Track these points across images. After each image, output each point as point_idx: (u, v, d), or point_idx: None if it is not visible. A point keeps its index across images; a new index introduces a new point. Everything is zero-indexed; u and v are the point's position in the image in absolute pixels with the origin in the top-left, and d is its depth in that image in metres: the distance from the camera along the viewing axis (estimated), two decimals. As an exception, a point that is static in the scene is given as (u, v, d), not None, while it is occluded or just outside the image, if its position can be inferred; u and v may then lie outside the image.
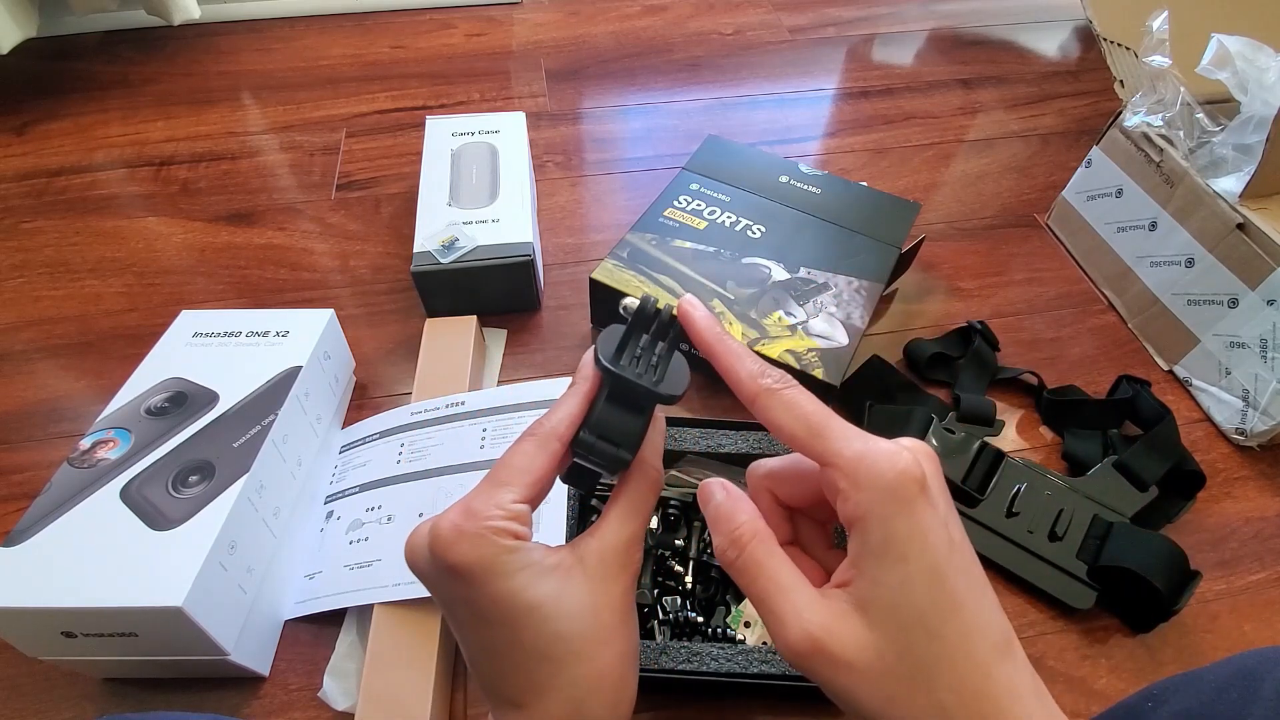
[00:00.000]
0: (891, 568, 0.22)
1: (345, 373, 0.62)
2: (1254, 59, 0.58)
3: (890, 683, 0.22)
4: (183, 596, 0.38)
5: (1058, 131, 0.94)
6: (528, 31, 1.10)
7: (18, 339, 0.68)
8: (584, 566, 0.25)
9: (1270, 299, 0.57)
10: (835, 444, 0.23)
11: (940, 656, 0.22)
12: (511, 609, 0.23)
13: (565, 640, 0.23)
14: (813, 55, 1.07)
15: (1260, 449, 0.61)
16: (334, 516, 0.53)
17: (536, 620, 0.23)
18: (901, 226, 0.70)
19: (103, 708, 0.47)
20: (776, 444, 0.54)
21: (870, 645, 0.22)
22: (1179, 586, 0.50)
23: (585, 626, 0.24)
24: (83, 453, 0.46)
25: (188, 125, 0.92)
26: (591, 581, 0.24)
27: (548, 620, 0.23)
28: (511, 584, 0.23)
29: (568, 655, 0.23)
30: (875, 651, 0.22)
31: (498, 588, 0.23)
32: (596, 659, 0.24)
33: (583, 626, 0.24)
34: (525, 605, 0.23)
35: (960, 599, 0.22)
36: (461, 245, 0.64)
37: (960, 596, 0.22)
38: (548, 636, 0.23)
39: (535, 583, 0.23)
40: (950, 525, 0.23)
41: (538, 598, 0.23)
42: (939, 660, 0.22)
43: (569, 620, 0.23)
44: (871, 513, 0.22)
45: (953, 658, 0.22)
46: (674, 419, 0.55)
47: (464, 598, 0.24)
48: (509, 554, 0.23)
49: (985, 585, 0.23)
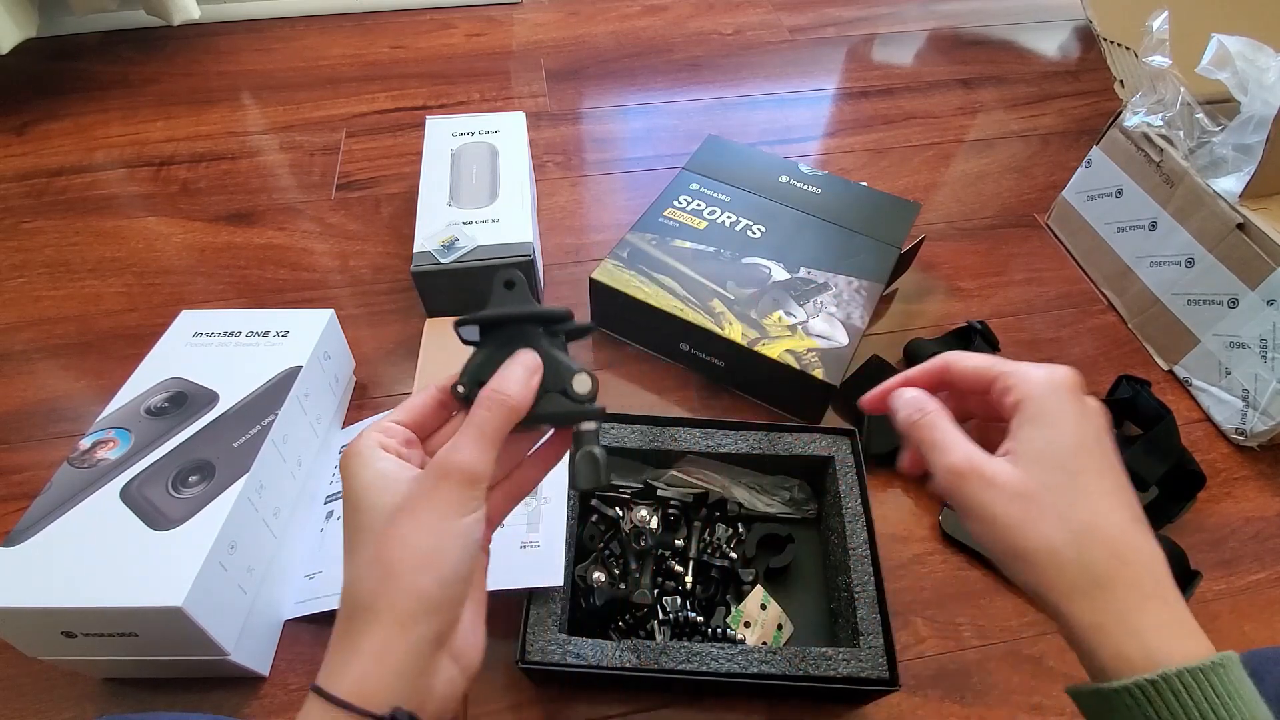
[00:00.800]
0: (1042, 430, 0.28)
1: (345, 373, 0.62)
2: (1254, 59, 0.58)
3: (1025, 504, 0.27)
4: (183, 596, 0.38)
5: (1058, 131, 0.94)
6: (528, 31, 1.10)
7: (18, 339, 0.68)
8: (418, 473, 0.28)
9: (1270, 299, 0.57)
10: (1009, 365, 0.30)
11: (1075, 495, 0.27)
12: (355, 484, 0.28)
13: (375, 510, 0.27)
14: (813, 55, 1.07)
15: (1260, 449, 0.61)
16: (334, 516, 0.53)
17: (365, 492, 0.28)
18: (901, 226, 0.70)
19: (103, 708, 0.47)
20: (775, 446, 0.54)
21: (1016, 475, 0.28)
22: (1179, 586, 0.50)
23: (390, 503, 0.27)
24: (83, 453, 0.46)
25: (188, 125, 0.92)
26: (417, 480, 0.28)
27: (370, 491, 0.28)
28: (362, 466, 0.28)
29: (373, 524, 0.27)
30: (1019, 479, 0.27)
31: (352, 467, 0.28)
32: (392, 532, 0.27)
33: (389, 502, 0.27)
34: (363, 480, 0.28)
35: (1097, 464, 0.28)
36: (461, 245, 0.64)
37: (1097, 462, 0.28)
38: (366, 505, 0.27)
39: (377, 467, 0.28)
40: (1100, 425, 0.29)
41: (374, 476, 0.28)
42: (1073, 497, 0.27)
43: (381, 495, 0.27)
44: (1032, 394, 0.29)
45: (1084, 499, 0.27)
46: (674, 419, 0.55)
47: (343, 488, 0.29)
48: (371, 449, 0.29)
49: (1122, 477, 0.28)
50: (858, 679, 0.44)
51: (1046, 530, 0.27)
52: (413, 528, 0.27)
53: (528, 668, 0.44)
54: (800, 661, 0.44)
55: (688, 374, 0.66)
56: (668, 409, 0.64)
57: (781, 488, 0.56)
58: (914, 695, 0.48)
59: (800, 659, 0.44)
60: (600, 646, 0.44)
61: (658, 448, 0.54)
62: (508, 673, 0.48)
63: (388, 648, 0.25)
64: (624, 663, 0.44)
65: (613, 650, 0.44)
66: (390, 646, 0.25)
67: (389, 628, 0.26)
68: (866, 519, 0.50)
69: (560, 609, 0.46)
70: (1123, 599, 0.26)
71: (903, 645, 0.50)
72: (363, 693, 0.25)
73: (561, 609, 0.46)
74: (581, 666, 0.44)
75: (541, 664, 0.44)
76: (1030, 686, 0.49)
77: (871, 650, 0.45)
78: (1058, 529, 0.27)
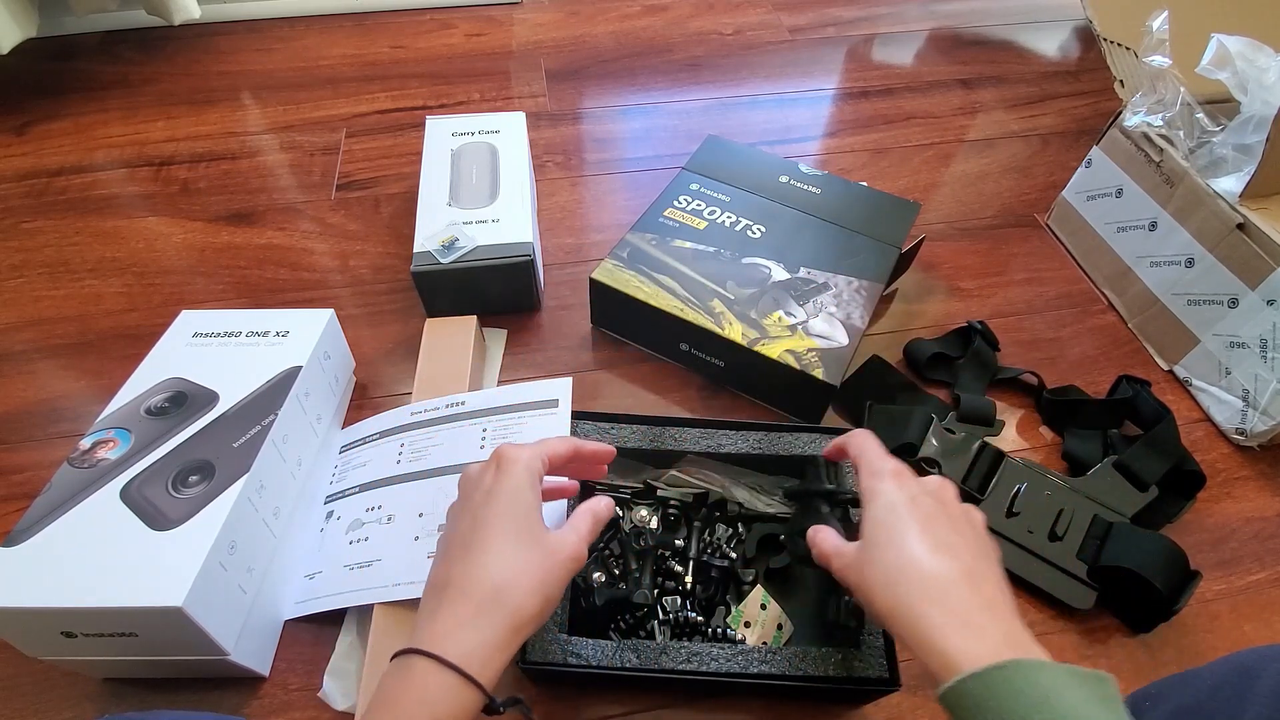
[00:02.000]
0: (868, 510, 0.37)
1: (345, 373, 0.62)
2: (1254, 59, 0.58)
3: (862, 568, 0.35)
4: (183, 596, 0.38)
5: (1058, 131, 0.94)
6: (528, 31, 1.10)
7: (18, 339, 0.68)
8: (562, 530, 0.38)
9: (1270, 299, 0.57)
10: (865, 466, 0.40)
11: (887, 560, 0.34)
12: (516, 498, 0.36)
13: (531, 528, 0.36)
14: (813, 55, 1.07)
15: (1260, 449, 0.61)
16: (334, 516, 0.53)
17: (525, 510, 0.36)
18: (901, 226, 0.70)
19: (103, 708, 0.47)
20: (776, 446, 0.54)
21: (855, 548, 0.37)
22: (1179, 586, 0.50)
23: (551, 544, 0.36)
24: (83, 453, 0.46)
25: (188, 125, 0.92)
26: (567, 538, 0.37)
27: (531, 513, 0.36)
28: (530, 487, 0.37)
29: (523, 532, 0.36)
30: (857, 551, 0.37)
31: (518, 480, 0.37)
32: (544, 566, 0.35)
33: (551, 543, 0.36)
34: (527, 499, 0.37)
35: (905, 522, 0.35)
36: (461, 245, 0.64)
37: (904, 521, 0.35)
38: (522, 521, 0.36)
39: (536, 494, 0.37)
40: (918, 495, 0.36)
41: (535, 501, 0.37)
42: (886, 562, 0.34)
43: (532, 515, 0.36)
44: (864, 485, 0.38)
45: (897, 552, 0.34)
46: (674, 419, 0.55)
47: (489, 484, 0.37)
48: (536, 475, 0.38)
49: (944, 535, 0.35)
50: (858, 679, 0.44)
51: (871, 584, 0.34)
52: (558, 576, 0.35)
53: (528, 668, 0.44)
54: (800, 661, 0.44)
55: (688, 374, 0.66)
56: (668, 409, 0.64)
57: (782, 487, 0.56)
58: (914, 695, 0.48)
59: (800, 659, 0.44)
60: (600, 646, 0.44)
61: (658, 448, 0.54)
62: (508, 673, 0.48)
63: (509, 650, 0.33)
64: (624, 663, 0.44)
65: (613, 650, 0.44)
66: (510, 650, 0.33)
67: (519, 638, 0.33)
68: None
69: (560, 609, 0.46)
70: (934, 619, 0.31)
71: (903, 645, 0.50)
72: (485, 677, 0.32)
73: (562, 609, 0.46)
74: (582, 667, 0.44)
75: (542, 664, 0.44)
76: (1030, 686, 0.49)
77: (871, 650, 0.45)
78: (880, 576, 0.34)
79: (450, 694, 0.31)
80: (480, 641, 0.32)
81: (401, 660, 0.32)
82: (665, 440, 0.54)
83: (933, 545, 0.34)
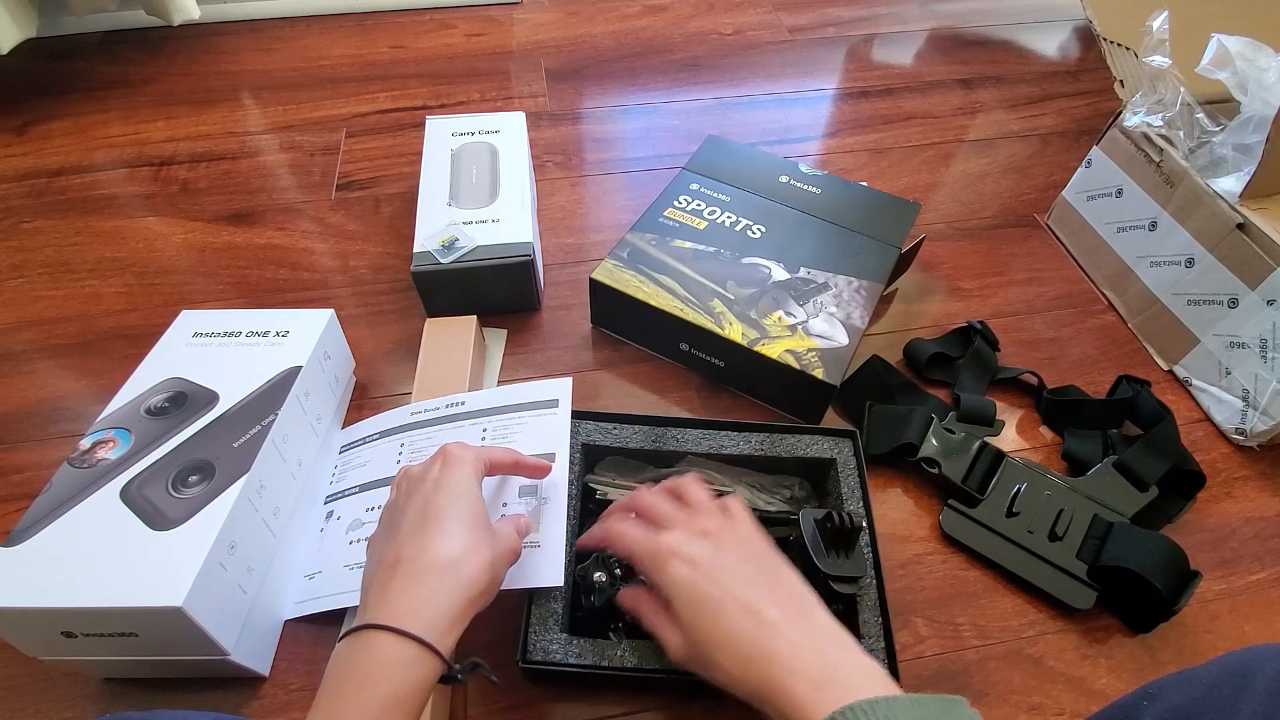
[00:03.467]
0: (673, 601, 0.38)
1: (345, 373, 0.62)
2: (1254, 59, 0.58)
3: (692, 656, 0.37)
4: (183, 596, 0.38)
5: (1058, 131, 0.94)
6: (528, 31, 1.10)
7: (18, 339, 0.68)
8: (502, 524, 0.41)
9: (1270, 299, 0.57)
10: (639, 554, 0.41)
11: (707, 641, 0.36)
12: (464, 488, 0.39)
13: (477, 516, 0.38)
14: (813, 55, 1.07)
15: (1260, 449, 0.61)
16: (334, 516, 0.53)
17: (472, 500, 0.38)
18: (901, 226, 0.70)
19: (103, 708, 0.47)
20: (778, 447, 0.54)
21: (682, 642, 0.38)
22: (1179, 586, 0.50)
23: (496, 531, 0.39)
24: (83, 453, 0.46)
25: (188, 125, 0.92)
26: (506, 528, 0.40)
27: (477, 504, 0.39)
28: (474, 482, 0.40)
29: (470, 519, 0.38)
30: (685, 644, 0.38)
31: (464, 473, 0.39)
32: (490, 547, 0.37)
33: (495, 531, 0.39)
34: (474, 490, 0.39)
35: (704, 605, 0.36)
36: (461, 245, 0.64)
37: (703, 604, 0.36)
38: (470, 508, 0.38)
39: (480, 490, 0.40)
40: (696, 564, 0.38)
41: (480, 495, 0.39)
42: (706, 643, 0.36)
43: (477, 507, 0.39)
44: (650, 579, 0.40)
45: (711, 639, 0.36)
46: (675, 420, 0.55)
47: (436, 475, 0.39)
48: (478, 474, 0.40)
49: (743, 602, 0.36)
50: None
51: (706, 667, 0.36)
52: (500, 558, 0.38)
53: (528, 667, 0.44)
54: None
55: (688, 374, 0.66)
56: (668, 409, 0.64)
57: (783, 486, 0.56)
58: (914, 695, 0.48)
59: None
60: (600, 646, 0.44)
61: (660, 448, 0.54)
62: (507, 673, 0.48)
63: (463, 623, 0.35)
64: (624, 663, 0.44)
65: (613, 650, 0.44)
66: (464, 623, 0.35)
67: (471, 610, 0.35)
68: (868, 521, 0.50)
69: (561, 609, 0.46)
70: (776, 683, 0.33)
71: (902, 645, 0.50)
72: (443, 647, 0.33)
73: (563, 609, 0.46)
74: (582, 666, 0.44)
75: (542, 664, 0.44)
76: (1030, 686, 0.49)
77: (873, 653, 0.45)
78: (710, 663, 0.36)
79: (410, 666, 0.32)
80: (438, 614, 0.33)
81: (356, 636, 0.33)
82: (667, 441, 0.54)
83: (741, 611, 0.35)
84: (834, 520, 0.46)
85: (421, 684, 0.32)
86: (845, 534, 0.46)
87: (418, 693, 0.32)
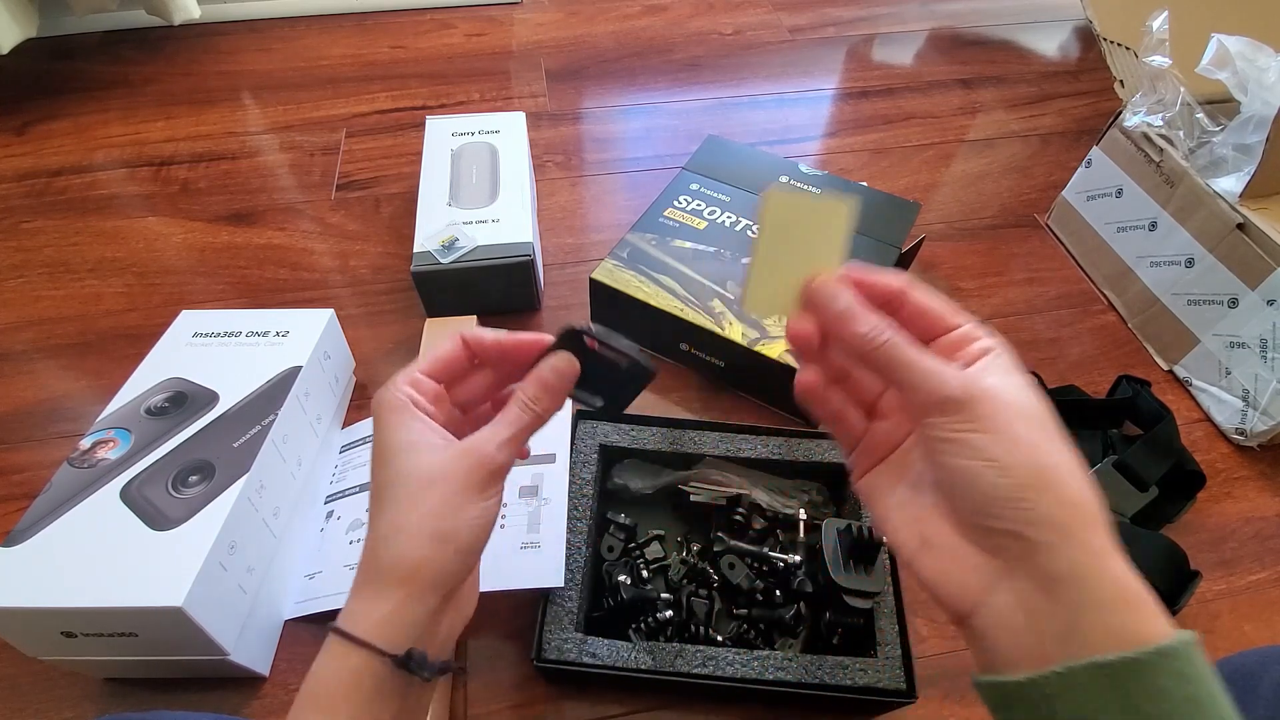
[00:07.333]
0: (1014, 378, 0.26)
1: (345, 373, 0.62)
2: (1254, 59, 0.58)
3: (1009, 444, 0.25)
4: (183, 596, 0.38)
5: (1058, 131, 0.94)
6: (528, 31, 1.10)
7: (18, 339, 0.68)
8: (454, 444, 0.31)
9: (1270, 299, 0.57)
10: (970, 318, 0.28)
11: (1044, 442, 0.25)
12: (389, 442, 0.30)
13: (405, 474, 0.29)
14: (813, 55, 1.07)
15: (1260, 449, 0.61)
16: (334, 516, 0.53)
17: (394, 452, 0.30)
18: (901, 226, 0.70)
19: (103, 708, 0.47)
20: (795, 451, 0.54)
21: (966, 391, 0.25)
22: (1179, 586, 0.50)
23: (421, 470, 0.29)
24: (83, 453, 0.46)
25: (188, 125, 0.92)
26: (450, 452, 0.30)
27: (401, 455, 0.30)
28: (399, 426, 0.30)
29: (403, 485, 0.29)
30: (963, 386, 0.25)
31: (388, 422, 0.31)
32: (421, 501, 0.29)
33: (420, 468, 0.29)
34: (397, 439, 0.30)
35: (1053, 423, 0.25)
36: (461, 245, 0.64)
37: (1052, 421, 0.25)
38: (398, 467, 0.30)
39: (412, 429, 0.30)
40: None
41: (407, 438, 0.30)
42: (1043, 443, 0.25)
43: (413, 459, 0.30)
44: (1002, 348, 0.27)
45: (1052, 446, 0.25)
46: (693, 422, 0.55)
47: (373, 443, 0.31)
48: (405, 405, 0.31)
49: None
50: (875, 689, 0.43)
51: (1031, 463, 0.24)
52: (440, 504, 0.29)
53: (543, 666, 0.43)
54: (816, 669, 0.44)
55: (688, 374, 0.66)
56: (668, 409, 0.64)
57: (801, 490, 0.55)
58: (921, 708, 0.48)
59: (816, 667, 0.44)
60: (616, 647, 0.44)
61: (677, 450, 0.54)
62: (517, 671, 0.48)
63: (406, 605, 0.28)
64: (639, 664, 0.44)
65: (628, 651, 0.44)
66: (409, 604, 0.28)
67: (409, 589, 0.28)
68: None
69: (577, 608, 0.46)
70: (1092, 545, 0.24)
71: (903, 645, 0.50)
72: (381, 636, 0.28)
73: (578, 608, 0.46)
74: (597, 666, 0.43)
75: (556, 663, 0.43)
76: (1030, 686, 0.49)
77: (889, 661, 0.44)
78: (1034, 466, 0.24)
79: (329, 659, 0.29)
80: (383, 612, 0.29)
81: (325, 641, 0.30)
82: (685, 443, 0.54)
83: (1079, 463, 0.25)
84: (854, 533, 0.46)
85: (345, 676, 0.28)
86: (866, 547, 0.46)
87: (342, 686, 0.28)
